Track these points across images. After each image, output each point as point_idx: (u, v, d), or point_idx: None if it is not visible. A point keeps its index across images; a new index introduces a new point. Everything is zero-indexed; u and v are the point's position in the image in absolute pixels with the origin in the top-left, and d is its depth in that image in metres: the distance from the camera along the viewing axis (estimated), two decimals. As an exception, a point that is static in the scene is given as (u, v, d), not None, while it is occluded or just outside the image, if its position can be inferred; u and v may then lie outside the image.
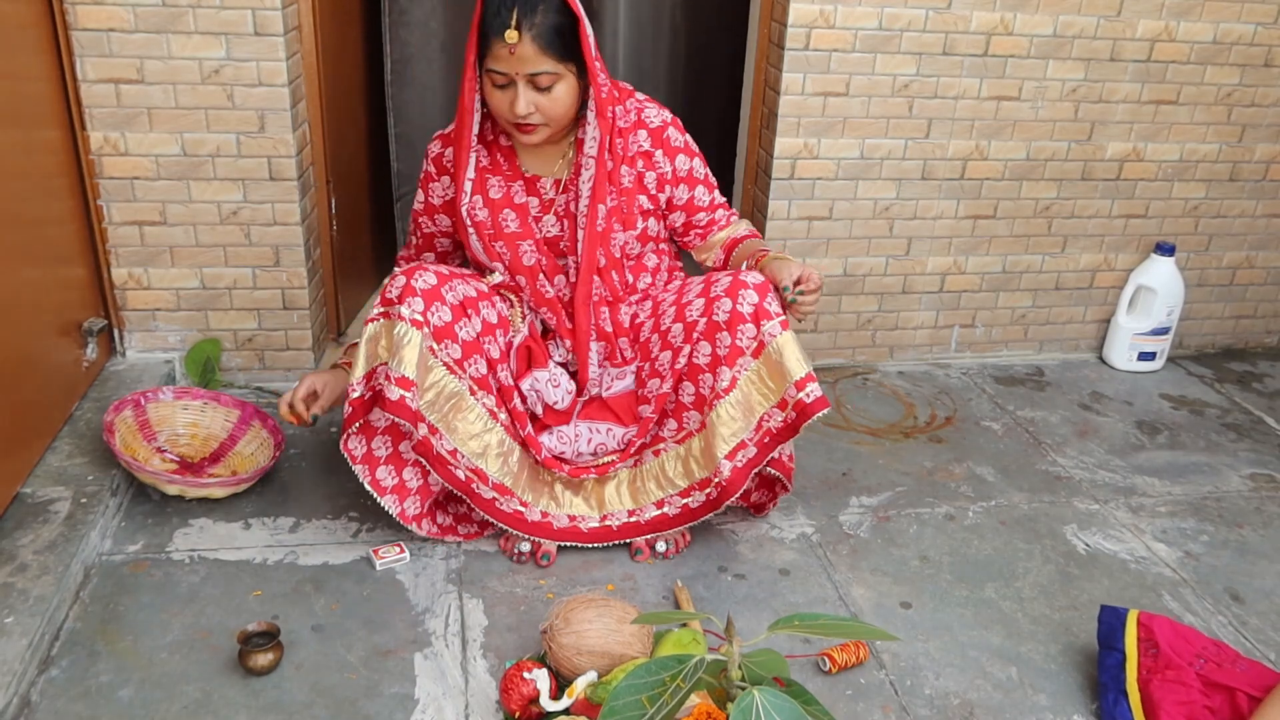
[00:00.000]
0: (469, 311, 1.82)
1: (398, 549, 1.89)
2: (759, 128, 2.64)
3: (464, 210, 1.89)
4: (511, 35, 1.66)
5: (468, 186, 1.88)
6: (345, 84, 2.63)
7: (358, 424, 1.79)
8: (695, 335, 1.84)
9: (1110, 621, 1.68)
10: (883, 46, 2.47)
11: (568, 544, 1.94)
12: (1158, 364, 2.92)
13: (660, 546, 1.94)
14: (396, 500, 1.85)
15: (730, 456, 1.82)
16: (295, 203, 2.34)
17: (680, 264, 2.08)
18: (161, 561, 1.86)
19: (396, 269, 1.85)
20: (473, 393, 1.82)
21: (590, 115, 1.81)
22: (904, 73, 2.51)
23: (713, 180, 1.98)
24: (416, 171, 2.84)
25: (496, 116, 1.81)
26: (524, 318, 1.93)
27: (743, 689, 1.20)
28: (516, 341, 1.91)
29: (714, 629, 1.71)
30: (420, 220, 2.04)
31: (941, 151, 2.62)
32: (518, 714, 1.52)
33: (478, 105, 1.81)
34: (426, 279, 1.76)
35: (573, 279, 1.90)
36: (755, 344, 1.79)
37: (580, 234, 1.86)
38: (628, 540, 1.95)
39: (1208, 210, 2.86)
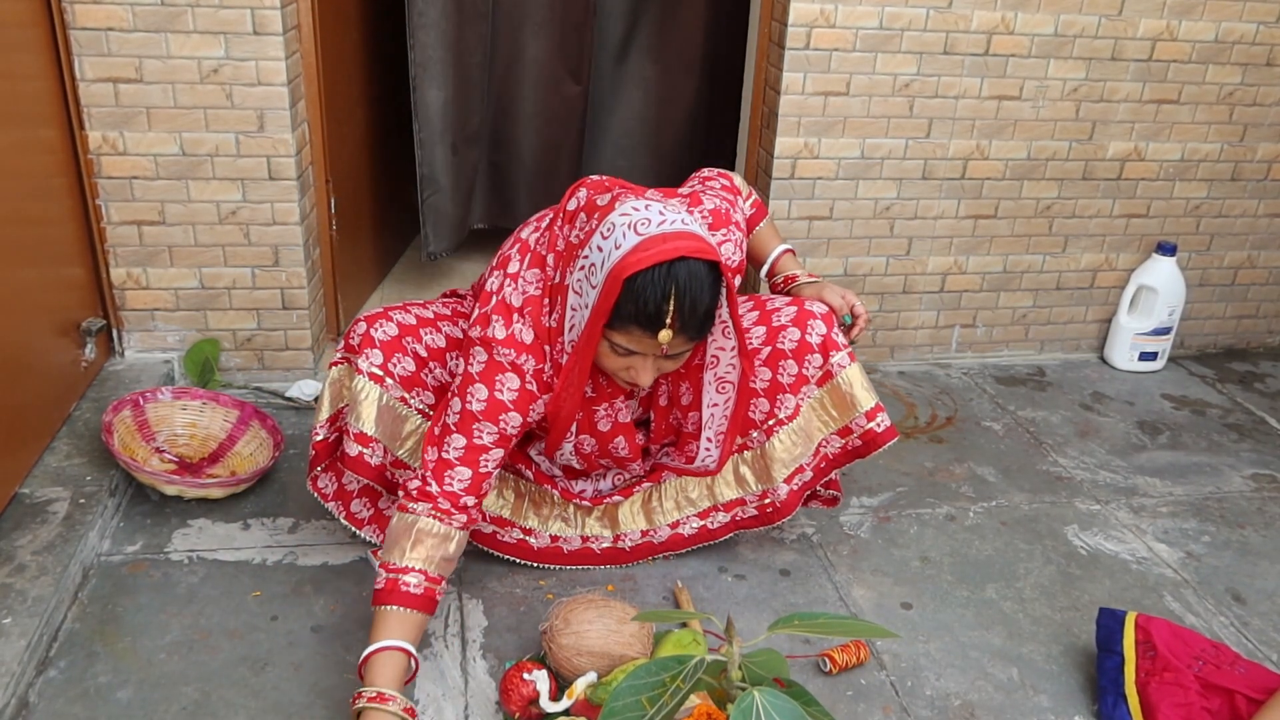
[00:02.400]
0: (433, 363, 1.74)
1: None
2: (759, 127, 2.63)
3: (568, 449, 1.74)
4: (665, 336, 1.43)
5: (574, 429, 1.71)
6: (345, 83, 2.63)
7: (322, 465, 1.80)
8: (758, 363, 1.76)
9: (1108, 624, 1.68)
10: (883, 46, 2.46)
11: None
12: (1159, 364, 2.92)
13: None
14: (376, 529, 1.86)
15: (789, 480, 1.82)
16: (294, 202, 2.33)
17: None
18: (160, 562, 1.85)
19: (364, 324, 1.71)
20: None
21: (731, 348, 1.63)
22: (905, 72, 2.50)
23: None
24: (436, 174, 2.82)
25: (598, 364, 1.58)
26: None
27: (743, 689, 1.19)
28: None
29: (714, 629, 1.71)
30: (475, 430, 1.58)
31: (942, 151, 2.62)
32: (517, 714, 1.52)
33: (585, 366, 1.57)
34: (386, 329, 1.70)
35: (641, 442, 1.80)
36: (821, 374, 1.76)
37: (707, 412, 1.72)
38: (640, 562, 1.93)
39: (1209, 210, 2.86)
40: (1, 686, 1.47)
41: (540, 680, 1.52)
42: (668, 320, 1.42)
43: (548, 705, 1.51)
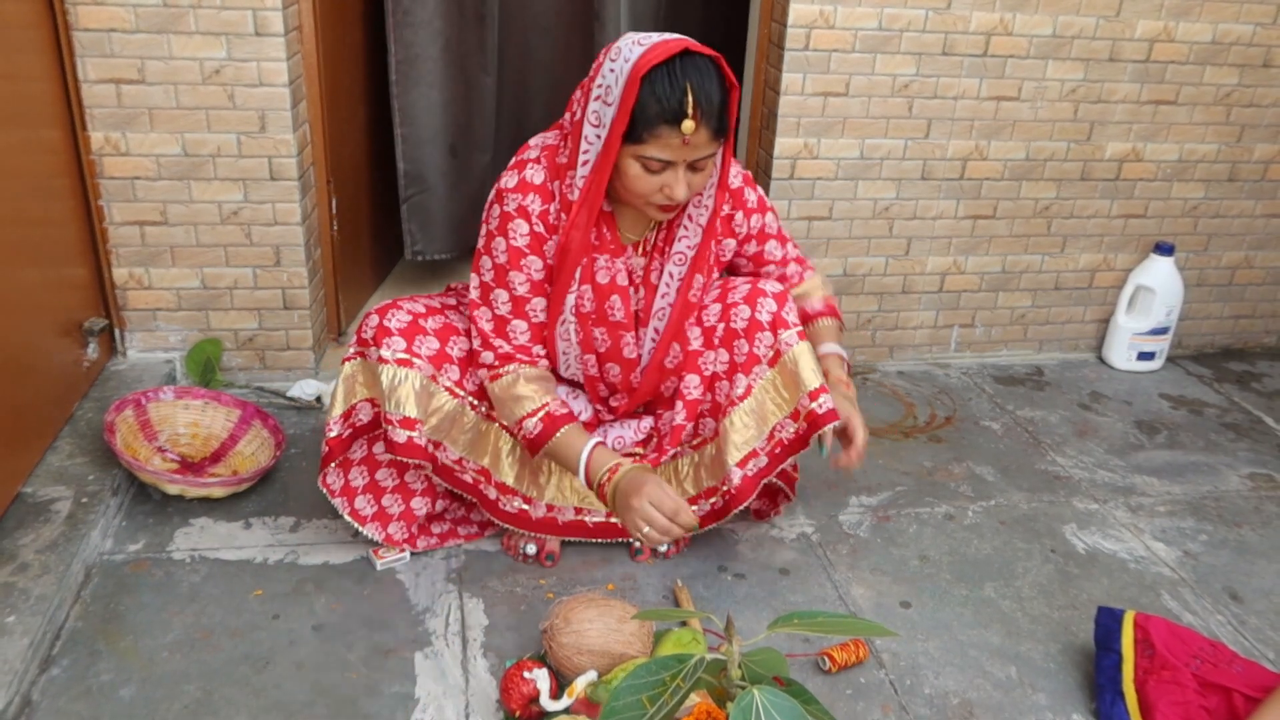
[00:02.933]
0: (451, 338, 1.79)
1: (397, 549, 1.89)
2: (759, 128, 2.64)
3: (570, 303, 1.72)
4: (689, 126, 1.49)
5: (577, 273, 1.70)
6: (346, 84, 2.63)
7: (336, 461, 1.81)
8: (714, 341, 1.81)
9: (1106, 623, 1.68)
10: (883, 46, 2.47)
11: (571, 540, 1.94)
12: (1157, 364, 2.92)
13: (660, 547, 1.95)
14: (379, 527, 1.87)
15: (741, 465, 1.81)
16: (296, 203, 2.34)
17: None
18: (162, 561, 1.86)
19: (370, 309, 1.77)
20: (474, 407, 1.82)
21: (712, 181, 1.70)
22: (904, 73, 2.51)
23: (786, 234, 1.90)
24: (425, 173, 2.84)
25: (631, 195, 1.61)
26: None
27: (743, 688, 1.20)
28: None
29: (714, 628, 1.71)
30: (510, 281, 1.69)
31: (941, 151, 2.63)
32: (518, 713, 1.53)
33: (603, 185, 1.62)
34: (400, 317, 1.74)
35: (640, 347, 1.81)
36: (772, 352, 1.77)
37: (660, 301, 1.77)
38: (629, 540, 1.95)
39: (1207, 210, 2.87)
40: (4, 685, 1.47)
41: (541, 679, 1.53)
42: (689, 110, 1.48)
43: (548, 704, 1.52)
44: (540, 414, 1.69)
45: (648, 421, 1.94)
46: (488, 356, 1.72)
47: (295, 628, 1.71)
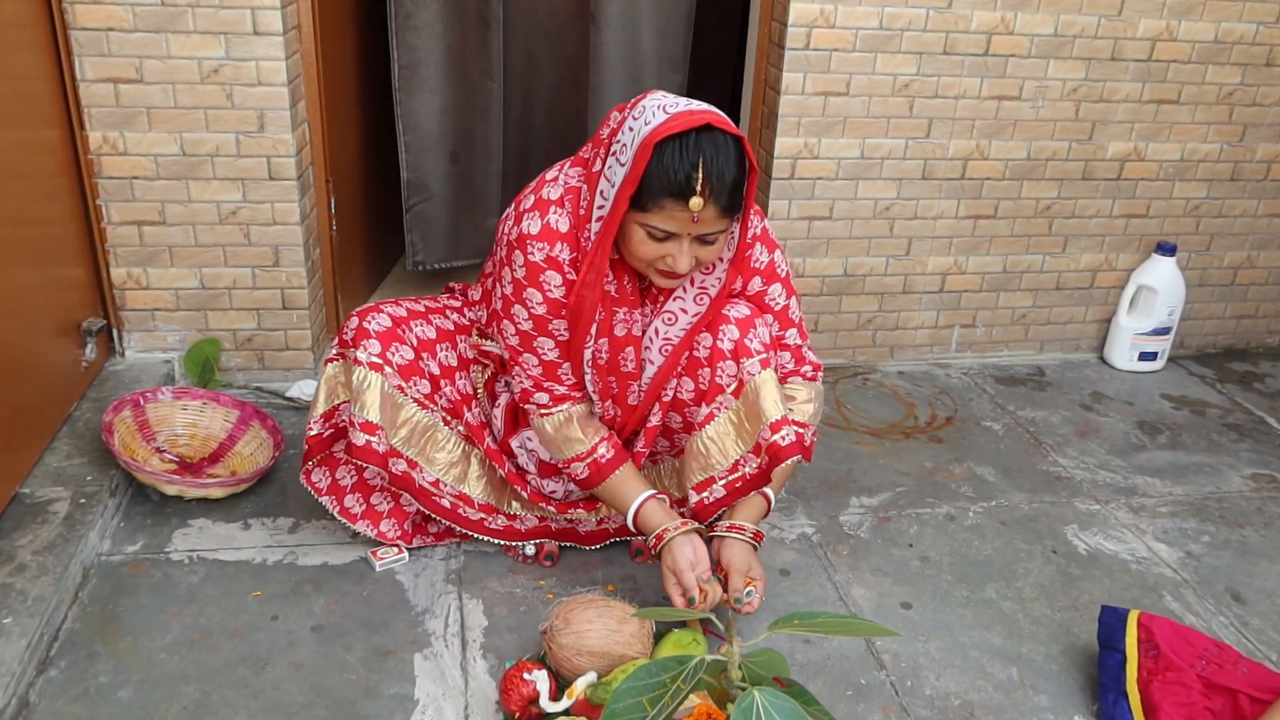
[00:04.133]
0: (424, 354, 1.78)
1: (396, 550, 1.89)
2: (759, 127, 2.63)
3: (587, 357, 1.69)
4: (696, 203, 1.45)
5: (593, 329, 1.66)
6: (345, 84, 2.63)
7: (316, 459, 1.81)
8: (679, 370, 1.73)
9: (1111, 622, 1.68)
10: (883, 46, 2.46)
11: (567, 545, 1.93)
12: (1159, 364, 2.92)
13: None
14: (370, 524, 1.87)
15: (698, 489, 1.73)
16: (294, 202, 2.33)
17: None
18: (160, 562, 1.86)
19: (356, 318, 1.73)
20: (446, 423, 1.82)
21: (727, 255, 1.67)
22: (904, 72, 2.50)
23: (796, 318, 1.81)
24: (427, 181, 2.83)
25: (634, 259, 1.58)
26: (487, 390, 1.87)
27: (743, 689, 1.20)
28: (503, 403, 1.85)
29: (714, 629, 1.71)
30: (552, 330, 1.67)
31: (942, 151, 2.62)
32: (517, 715, 1.52)
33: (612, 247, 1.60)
34: (380, 321, 1.74)
35: (632, 392, 1.76)
36: (735, 383, 1.69)
37: (644, 354, 1.73)
38: (627, 539, 1.95)
39: (1209, 210, 2.86)
40: (2, 686, 1.47)
41: (540, 680, 1.52)
42: (698, 187, 1.44)
43: (548, 705, 1.51)
44: (589, 460, 1.73)
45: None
46: (542, 398, 1.72)
47: (294, 629, 1.71)
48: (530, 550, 1.91)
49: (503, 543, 1.93)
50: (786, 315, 1.78)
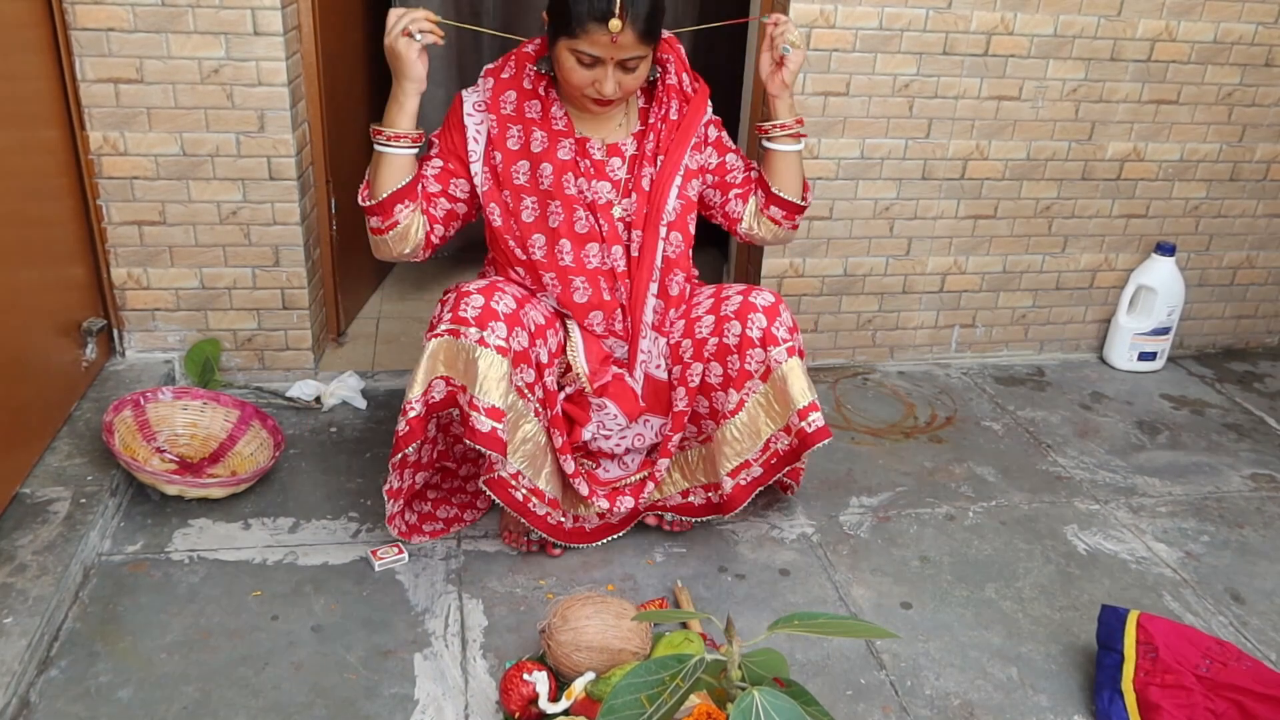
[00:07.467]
0: (537, 341, 1.76)
1: (396, 550, 1.89)
2: (759, 127, 2.63)
3: (497, 162, 1.80)
4: (615, 25, 1.61)
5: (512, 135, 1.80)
6: (345, 84, 2.63)
7: (417, 443, 1.75)
8: (706, 355, 1.84)
9: (1110, 622, 1.68)
10: (883, 46, 2.46)
11: (569, 545, 1.94)
12: (1158, 364, 2.92)
13: (669, 517, 2.00)
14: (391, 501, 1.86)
15: (733, 474, 1.86)
16: (295, 202, 2.33)
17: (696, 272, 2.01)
18: (161, 562, 1.86)
19: (464, 286, 1.75)
20: (537, 414, 1.78)
21: (673, 81, 1.86)
22: (904, 72, 2.51)
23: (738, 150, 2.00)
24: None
25: (568, 87, 1.73)
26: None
27: (742, 689, 1.20)
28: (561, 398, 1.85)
29: (714, 629, 1.71)
30: (437, 170, 1.83)
31: (942, 151, 2.62)
32: (517, 715, 1.52)
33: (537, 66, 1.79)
34: (507, 302, 1.71)
35: (631, 238, 1.84)
36: (763, 368, 1.80)
37: (646, 184, 1.84)
38: (620, 533, 1.98)
39: (1208, 210, 2.86)
40: (3, 686, 1.47)
41: (540, 681, 1.52)
42: (616, 9, 1.60)
43: (547, 707, 1.51)
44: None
45: (667, 421, 1.93)
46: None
47: (294, 629, 1.71)
48: (535, 535, 1.91)
49: (503, 535, 1.95)
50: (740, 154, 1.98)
